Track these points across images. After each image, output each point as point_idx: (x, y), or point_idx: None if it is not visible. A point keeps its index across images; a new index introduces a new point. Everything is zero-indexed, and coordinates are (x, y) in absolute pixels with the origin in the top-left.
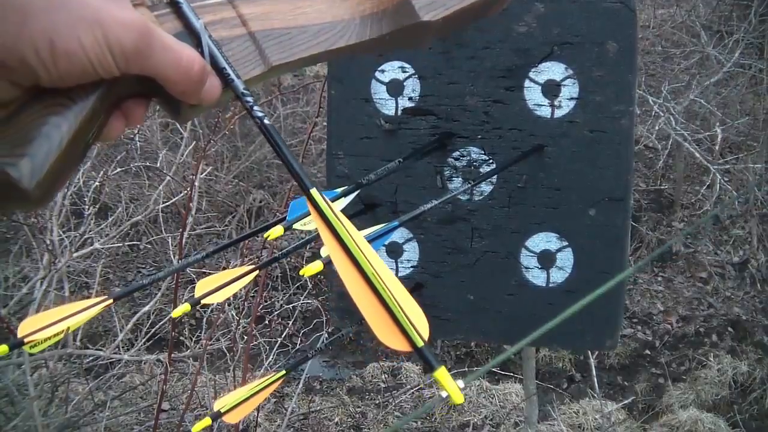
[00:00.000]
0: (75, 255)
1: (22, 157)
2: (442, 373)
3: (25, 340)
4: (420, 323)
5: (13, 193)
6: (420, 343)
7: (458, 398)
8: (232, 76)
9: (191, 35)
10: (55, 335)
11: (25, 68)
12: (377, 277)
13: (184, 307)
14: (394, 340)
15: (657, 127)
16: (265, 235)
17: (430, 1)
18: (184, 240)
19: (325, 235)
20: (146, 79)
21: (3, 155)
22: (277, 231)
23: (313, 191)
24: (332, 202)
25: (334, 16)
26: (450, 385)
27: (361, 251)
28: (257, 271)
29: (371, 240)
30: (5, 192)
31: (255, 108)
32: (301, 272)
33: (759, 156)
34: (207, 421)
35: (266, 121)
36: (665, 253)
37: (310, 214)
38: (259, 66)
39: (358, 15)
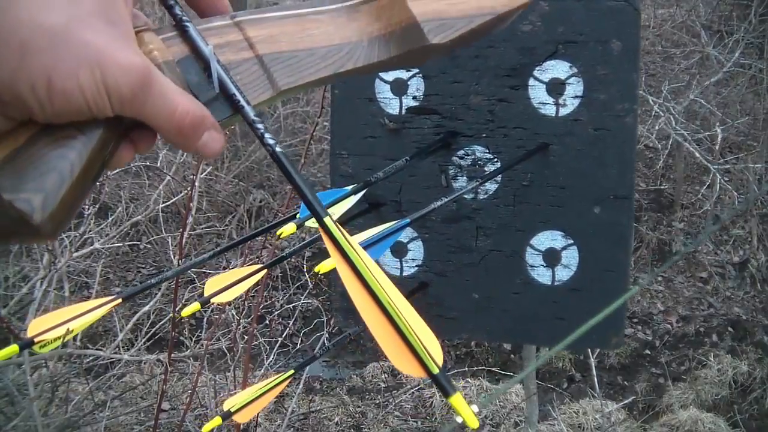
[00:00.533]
0: (75, 255)
1: (34, 192)
2: (457, 399)
3: (35, 339)
4: (434, 349)
5: (25, 227)
6: (435, 370)
7: (473, 423)
8: (243, 102)
9: (198, 59)
10: (64, 335)
11: (19, 103)
12: (392, 304)
13: (193, 307)
14: (409, 367)
15: (657, 127)
16: (278, 233)
17: (439, 24)
18: (184, 240)
19: (339, 262)
20: None
21: (14, 190)
22: (289, 229)
23: (327, 220)
24: (339, 201)
25: (342, 38)
26: (465, 411)
27: (376, 279)
28: (265, 270)
29: (380, 239)
30: (17, 226)
31: (266, 135)
32: (315, 269)
33: (759, 156)
34: (218, 421)
35: (278, 149)
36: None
37: None
38: (267, 90)
39: (366, 37)
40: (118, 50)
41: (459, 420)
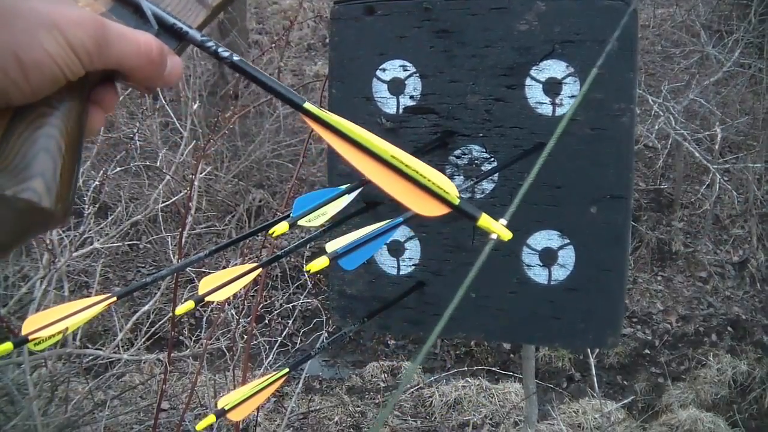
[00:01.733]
0: (75, 254)
1: (33, 179)
2: (485, 219)
3: (30, 337)
4: (446, 184)
5: (37, 217)
6: (456, 201)
7: (506, 235)
8: (185, 28)
9: (126, 5)
10: (58, 333)
11: None
12: (395, 157)
13: (187, 305)
14: (430, 207)
15: (657, 127)
16: (270, 232)
17: None
18: (183, 239)
19: (333, 140)
20: (107, 69)
21: (13, 183)
22: (281, 228)
23: (307, 105)
24: (335, 199)
25: None
26: (496, 227)
27: (372, 141)
28: (260, 269)
29: (374, 237)
30: (28, 220)
31: (220, 50)
32: (306, 268)
33: (759, 155)
34: (211, 419)
35: (235, 58)
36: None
37: (314, 211)
38: (201, 11)
39: None
40: (66, 9)
41: (493, 236)
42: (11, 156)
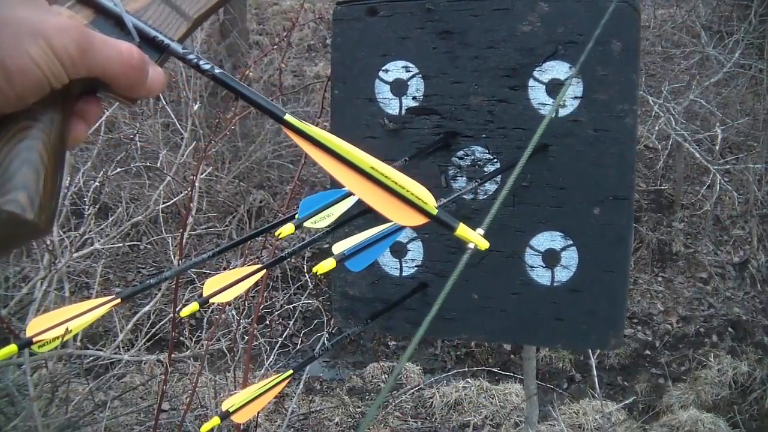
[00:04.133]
0: (75, 255)
1: (17, 191)
2: (462, 230)
3: (34, 339)
4: (424, 195)
5: (21, 228)
6: (434, 211)
7: (484, 245)
8: (166, 41)
9: (107, 18)
10: (62, 335)
11: None
12: (374, 168)
13: (192, 307)
14: (410, 218)
15: (657, 128)
16: (276, 233)
17: None
18: (184, 240)
19: (313, 151)
20: (91, 79)
21: None
22: (288, 229)
23: (287, 117)
24: (339, 201)
25: None
26: (473, 236)
27: (352, 152)
28: (264, 270)
29: (378, 240)
30: (12, 231)
31: (201, 62)
32: (314, 270)
33: (759, 156)
34: (216, 421)
35: (217, 71)
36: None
37: (320, 212)
38: (182, 24)
39: None
40: (49, 16)
41: (470, 246)
42: None
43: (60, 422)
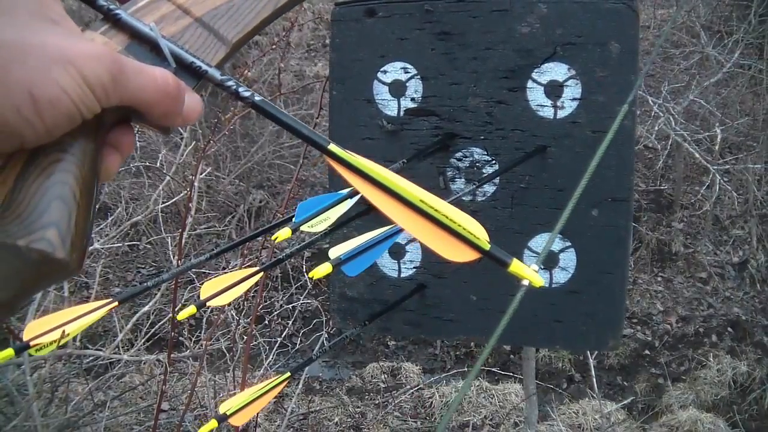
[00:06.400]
0: None
1: (47, 228)
2: (516, 266)
3: (31, 343)
4: (476, 229)
5: (51, 267)
6: (487, 246)
7: (539, 282)
8: (204, 67)
9: (143, 43)
10: (60, 338)
11: (9, 130)
12: (423, 201)
13: (189, 310)
14: (461, 253)
15: (657, 128)
16: (273, 237)
17: None
18: (183, 240)
19: (358, 182)
20: (124, 108)
21: (26, 233)
22: (284, 233)
23: (332, 146)
24: (337, 204)
25: None
26: (528, 273)
27: (399, 184)
28: (262, 273)
29: (378, 242)
30: (42, 271)
31: (241, 89)
32: (310, 275)
33: (759, 156)
34: (213, 424)
35: (257, 98)
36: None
37: (317, 216)
38: (221, 48)
39: None
40: (80, 43)
41: (525, 283)
42: (24, 204)
43: (59, 422)
